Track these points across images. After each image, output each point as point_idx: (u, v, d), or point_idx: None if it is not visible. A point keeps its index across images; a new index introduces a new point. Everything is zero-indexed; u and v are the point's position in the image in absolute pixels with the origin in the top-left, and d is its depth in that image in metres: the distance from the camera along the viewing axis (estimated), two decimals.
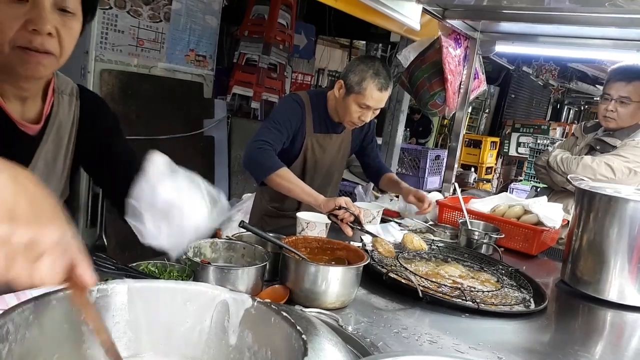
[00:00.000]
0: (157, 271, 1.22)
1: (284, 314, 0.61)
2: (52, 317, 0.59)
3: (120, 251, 3.45)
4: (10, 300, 1.09)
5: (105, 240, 3.49)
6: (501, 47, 2.77)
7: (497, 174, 8.17)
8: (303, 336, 0.56)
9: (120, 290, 0.64)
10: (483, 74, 2.83)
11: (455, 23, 2.48)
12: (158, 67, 3.95)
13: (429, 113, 2.86)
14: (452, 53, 2.55)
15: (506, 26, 2.39)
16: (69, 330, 0.61)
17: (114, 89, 3.61)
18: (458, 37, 2.60)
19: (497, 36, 2.66)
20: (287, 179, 1.91)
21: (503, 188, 6.92)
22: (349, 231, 1.81)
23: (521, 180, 6.87)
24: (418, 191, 2.26)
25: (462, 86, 2.69)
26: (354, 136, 2.36)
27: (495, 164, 7.94)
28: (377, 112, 2.11)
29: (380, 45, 6.83)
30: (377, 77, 1.96)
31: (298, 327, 0.58)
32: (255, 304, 0.64)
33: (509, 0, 2.15)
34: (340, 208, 1.78)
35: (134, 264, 1.21)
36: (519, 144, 7.66)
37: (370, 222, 2.18)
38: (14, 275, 0.49)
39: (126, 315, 0.65)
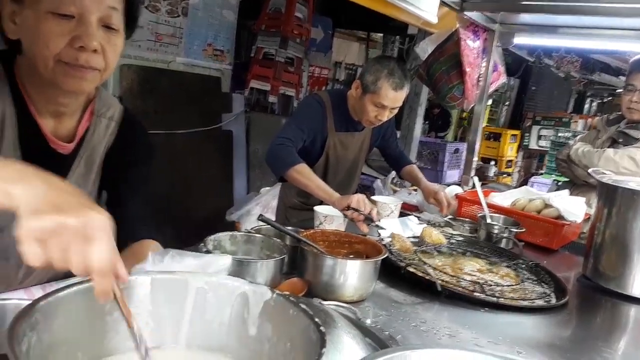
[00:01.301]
0: None
1: (303, 306, 0.62)
2: (77, 307, 0.61)
3: None
4: (37, 292, 1.12)
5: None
6: (520, 39, 2.72)
7: (518, 168, 8.06)
8: (321, 328, 0.57)
9: (143, 281, 0.66)
10: (503, 66, 2.79)
11: (474, 15, 2.44)
12: (176, 61, 3.99)
13: (448, 106, 2.84)
14: (470, 45, 2.52)
15: (525, 17, 2.35)
16: (93, 320, 0.63)
17: (134, 84, 3.66)
18: (476, 29, 2.56)
19: (517, 28, 2.62)
20: (304, 174, 1.93)
21: (524, 182, 6.83)
22: (364, 228, 1.81)
23: (542, 174, 6.76)
24: (438, 193, 2.27)
25: (480, 79, 2.65)
26: (374, 132, 2.38)
27: (516, 157, 7.83)
28: (395, 111, 2.13)
29: (398, 37, 6.77)
30: (392, 76, 1.98)
31: (316, 319, 0.58)
32: (274, 296, 0.65)
33: None
34: (349, 208, 1.77)
35: None
36: (539, 137, 7.55)
37: (388, 215, 2.18)
38: (72, 264, 0.53)
39: (149, 306, 0.66)
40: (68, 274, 1.18)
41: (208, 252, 1.27)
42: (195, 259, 0.67)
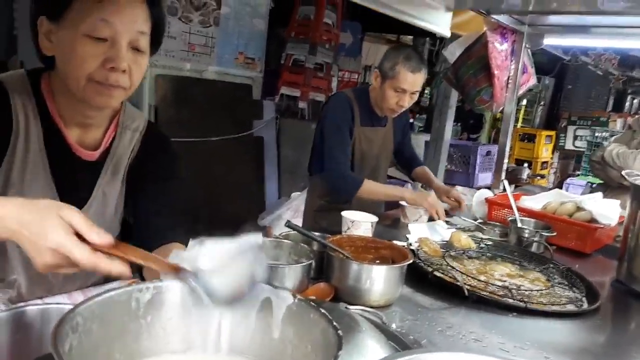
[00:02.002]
0: None
1: (322, 310, 0.65)
2: (114, 311, 0.66)
3: None
4: (78, 296, 1.19)
5: None
6: (550, 40, 2.68)
7: (554, 169, 7.87)
8: (339, 331, 0.59)
9: (174, 287, 0.70)
10: (532, 67, 2.75)
11: (501, 18, 2.42)
12: (209, 70, 4.09)
13: (476, 109, 2.82)
14: (499, 48, 2.50)
15: (555, 18, 2.32)
16: (129, 323, 0.67)
17: (168, 94, 3.77)
18: (504, 31, 2.54)
19: (546, 29, 2.58)
20: (370, 191, 2.14)
21: (559, 183, 6.67)
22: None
23: (578, 175, 6.59)
24: (451, 191, 2.30)
25: (510, 81, 2.63)
26: (396, 128, 2.44)
27: (551, 159, 7.65)
28: (415, 97, 2.19)
29: (428, 39, 6.74)
30: (409, 60, 2.08)
31: (334, 323, 0.61)
32: (296, 300, 0.68)
33: (559, 3, 2.10)
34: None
35: None
36: (575, 137, 7.36)
37: (416, 220, 2.19)
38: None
39: (179, 311, 0.71)
40: (107, 279, 1.26)
41: None
42: (230, 242, 0.70)
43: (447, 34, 2.32)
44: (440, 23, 2.22)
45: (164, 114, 3.72)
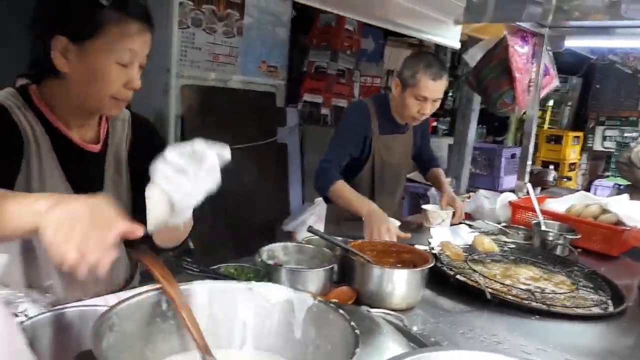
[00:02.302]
0: (235, 272, 1.34)
1: (341, 311, 0.68)
2: (146, 312, 0.70)
3: (204, 254, 3.67)
4: (111, 299, 1.25)
5: (191, 244, 3.74)
6: (572, 42, 2.64)
7: (582, 170, 7.71)
8: (356, 331, 0.63)
9: (201, 290, 0.75)
10: (554, 69, 2.73)
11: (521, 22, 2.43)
12: (233, 79, 4.17)
13: (498, 112, 2.81)
14: (519, 51, 2.49)
15: (576, 20, 2.30)
16: (159, 324, 0.72)
17: (194, 103, 3.86)
18: (525, 34, 2.53)
19: (567, 31, 2.56)
20: (338, 193, 2.06)
21: (588, 185, 6.54)
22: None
23: (607, 176, 6.44)
24: (456, 201, 2.32)
25: (531, 84, 2.61)
26: (416, 133, 2.43)
27: (579, 160, 7.50)
28: (437, 104, 2.16)
29: None
30: (429, 68, 2.04)
31: (352, 323, 0.64)
32: (317, 302, 0.72)
33: (581, 13, 2.09)
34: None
35: (215, 267, 1.34)
36: (604, 138, 7.20)
37: (439, 224, 2.20)
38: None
39: (207, 311, 0.75)
40: (141, 282, 1.31)
41: (262, 262, 1.36)
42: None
43: (457, 45, 2.34)
44: (449, 36, 2.24)
45: (191, 124, 3.81)
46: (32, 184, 1.10)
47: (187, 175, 0.86)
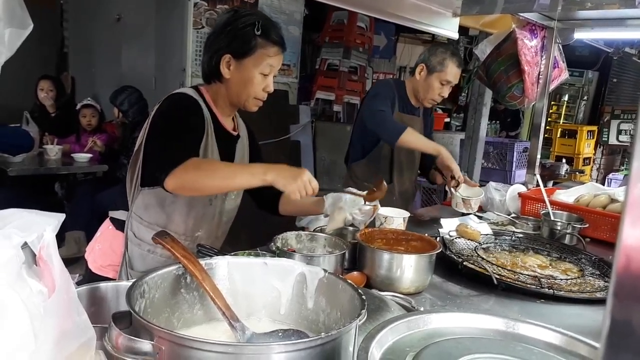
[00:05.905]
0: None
1: (349, 281, 0.75)
2: (172, 283, 0.78)
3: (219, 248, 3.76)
4: None
5: None
6: (581, 34, 2.66)
7: (597, 165, 7.66)
8: (362, 296, 0.69)
9: (222, 263, 0.82)
10: (564, 62, 2.75)
11: (530, 15, 2.45)
12: None
13: (508, 105, 2.84)
14: (528, 44, 2.52)
15: (585, 12, 2.32)
16: (184, 294, 0.79)
17: None
18: (534, 27, 2.56)
19: (576, 23, 2.57)
20: (407, 140, 2.19)
21: (603, 179, 6.50)
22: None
23: (623, 170, 6.40)
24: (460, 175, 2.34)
25: (541, 76, 2.64)
26: (426, 120, 2.57)
27: (594, 154, 7.45)
28: (450, 89, 2.38)
29: (463, 37, 6.72)
30: (455, 56, 2.32)
31: (359, 290, 0.71)
32: (327, 274, 0.78)
33: (594, 3, 2.14)
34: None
35: (232, 253, 1.41)
36: (619, 132, 7.14)
37: (468, 208, 2.22)
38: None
39: (227, 284, 0.82)
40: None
41: (278, 249, 1.43)
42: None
43: (455, 36, 2.53)
44: (448, 27, 2.45)
45: None
46: (205, 154, 1.50)
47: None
